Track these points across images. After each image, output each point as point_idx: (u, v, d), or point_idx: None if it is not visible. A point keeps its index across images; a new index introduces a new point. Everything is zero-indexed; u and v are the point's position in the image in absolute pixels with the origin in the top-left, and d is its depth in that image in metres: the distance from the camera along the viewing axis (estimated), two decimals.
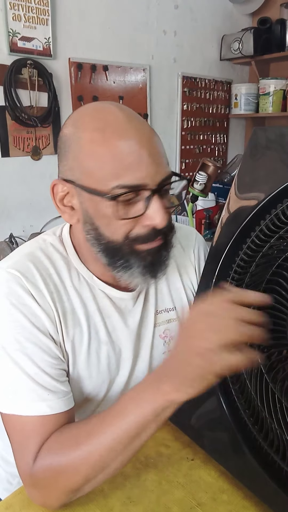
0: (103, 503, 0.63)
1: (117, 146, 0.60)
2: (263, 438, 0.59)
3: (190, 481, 0.67)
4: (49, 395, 0.64)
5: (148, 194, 0.62)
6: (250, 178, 0.67)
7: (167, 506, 0.63)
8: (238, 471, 0.65)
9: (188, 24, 2.62)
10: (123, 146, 0.60)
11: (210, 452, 0.70)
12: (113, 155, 0.60)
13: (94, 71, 2.22)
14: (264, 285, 0.58)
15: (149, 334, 0.80)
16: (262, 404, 0.58)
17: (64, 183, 0.66)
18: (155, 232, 0.64)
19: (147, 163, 0.61)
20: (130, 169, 0.60)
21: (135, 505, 0.63)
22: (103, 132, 0.61)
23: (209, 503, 0.63)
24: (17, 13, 1.87)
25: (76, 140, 0.63)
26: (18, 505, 0.64)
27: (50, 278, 0.70)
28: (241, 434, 0.62)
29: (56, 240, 0.75)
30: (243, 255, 0.63)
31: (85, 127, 0.63)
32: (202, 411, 0.71)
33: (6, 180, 2.02)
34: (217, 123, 2.96)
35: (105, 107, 0.65)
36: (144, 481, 0.67)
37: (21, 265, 0.68)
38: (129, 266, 0.66)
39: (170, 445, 0.74)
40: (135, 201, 0.63)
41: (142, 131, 0.63)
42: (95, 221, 0.65)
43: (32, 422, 0.63)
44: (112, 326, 0.76)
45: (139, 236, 0.64)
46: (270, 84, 2.71)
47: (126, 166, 0.60)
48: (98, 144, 0.61)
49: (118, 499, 0.64)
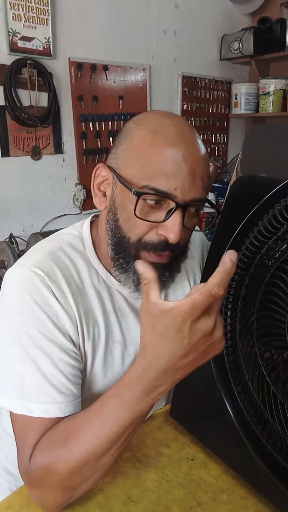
0: (103, 503, 0.64)
1: (163, 150, 0.62)
2: (266, 438, 0.60)
3: (190, 481, 0.67)
4: (61, 398, 0.64)
5: (173, 206, 0.63)
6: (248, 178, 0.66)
7: (167, 506, 0.63)
8: (242, 469, 0.65)
9: (188, 24, 2.62)
10: (168, 153, 0.62)
11: (214, 450, 0.70)
12: (155, 157, 0.62)
13: (94, 71, 2.22)
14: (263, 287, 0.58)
15: None
16: (264, 406, 0.58)
17: (106, 169, 0.69)
18: (166, 244, 0.65)
19: (184, 177, 0.62)
20: (166, 176, 0.62)
21: (135, 504, 0.63)
22: (156, 135, 0.64)
23: (209, 503, 0.63)
24: (17, 13, 1.87)
25: (132, 134, 0.66)
26: (18, 505, 0.64)
27: (72, 278, 0.70)
28: (245, 433, 0.63)
29: (76, 238, 0.75)
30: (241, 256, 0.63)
31: (144, 126, 0.66)
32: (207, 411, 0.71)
33: (6, 180, 2.02)
34: (217, 122, 2.96)
35: (171, 116, 0.67)
36: (144, 481, 0.67)
37: (44, 265, 0.69)
38: (128, 270, 0.68)
39: (170, 445, 0.75)
40: (159, 208, 0.64)
41: (193, 148, 0.64)
42: (118, 212, 0.67)
43: (36, 421, 0.63)
44: (127, 326, 0.76)
45: (150, 242, 0.65)
46: (270, 83, 2.71)
47: (164, 172, 0.62)
48: (147, 143, 0.64)
49: (118, 499, 0.64)
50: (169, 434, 0.77)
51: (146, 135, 0.64)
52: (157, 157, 0.62)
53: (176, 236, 0.63)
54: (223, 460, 0.69)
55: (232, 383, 0.65)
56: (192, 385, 0.73)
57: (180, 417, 0.78)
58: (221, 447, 0.69)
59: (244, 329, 0.62)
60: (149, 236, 0.65)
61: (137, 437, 0.76)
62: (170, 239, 0.63)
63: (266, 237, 0.60)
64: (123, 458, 0.72)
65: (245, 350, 0.62)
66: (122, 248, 0.67)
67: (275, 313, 0.55)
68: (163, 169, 0.62)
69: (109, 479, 0.68)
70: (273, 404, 0.57)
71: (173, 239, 0.63)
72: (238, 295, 0.64)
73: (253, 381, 0.60)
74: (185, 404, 0.77)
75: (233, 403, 0.65)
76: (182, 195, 0.62)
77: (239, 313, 0.63)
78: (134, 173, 0.64)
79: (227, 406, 0.65)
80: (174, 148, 0.62)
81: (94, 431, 0.58)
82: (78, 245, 0.74)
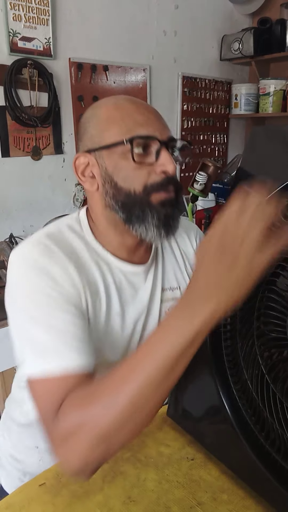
0: (103, 503, 0.63)
1: (129, 110, 0.73)
2: (264, 437, 0.60)
3: (190, 481, 0.67)
4: (77, 355, 0.64)
5: (158, 146, 0.72)
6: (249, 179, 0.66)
7: (167, 506, 0.63)
8: (240, 469, 0.65)
9: (188, 24, 2.62)
10: (133, 109, 0.74)
11: (212, 450, 0.70)
12: (126, 116, 0.73)
13: (94, 71, 2.22)
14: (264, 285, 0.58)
15: (156, 310, 0.84)
16: (263, 404, 0.58)
17: (85, 155, 0.76)
18: (168, 179, 0.72)
19: (155, 123, 0.73)
20: (142, 126, 0.72)
21: (135, 504, 0.63)
22: (116, 104, 0.75)
23: (209, 503, 0.63)
24: (18, 13, 1.87)
25: (94, 115, 0.76)
26: (18, 505, 0.64)
27: (72, 254, 0.74)
28: (243, 433, 0.63)
29: (73, 220, 0.81)
30: None
31: (102, 106, 0.76)
32: (205, 411, 0.71)
33: (6, 180, 2.02)
34: (217, 123, 2.96)
35: (117, 95, 0.79)
36: (144, 481, 0.67)
37: (44, 241, 0.73)
38: (145, 218, 0.72)
39: (170, 444, 0.75)
40: (148, 153, 0.72)
41: (146, 104, 0.77)
42: (114, 177, 0.73)
43: (57, 379, 0.62)
44: (125, 299, 0.80)
45: (155, 183, 0.72)
46: (270, 84, 2.71)
47: (139, 123, 0.72)
48: (113, 110, 0.74)
49: (118, 499, 0.64)
50: (169, 434, 0.77)
51: (108, 108, 0.75)
52: (127, 115, 0.73)
53: (172, 166, 0.71)
54: (221, 460, 0.69)
55: (231, 381, 0.65)
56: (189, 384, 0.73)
57: (177, 416, 0.78)
58: (218, 446, 0.69)
59: (244, 327, 0.62)
60: (151, 179, 0.72)
61: (137, 437, 0.76)
62: (169, 170, 0.71)
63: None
64: (123, 458, 0.72)
65: (245, 349, 0.62)
66: (131, 202, 0.72)
67: (275, 312, 0.55)
68: (137, 121, 0.72)
69: (109, 479, 0.68)
70: (272, 402, 0.57)
71: (172, 169, 0.71)
72: None
73: (252, 379, 0.60)
74: (182, 403, 0.77)
75: (231, 402, 0.65)
76: (161, 135, 0.72)
77: (239, 312, 0.63)
78: (114, 135, 0.72)
79: (225, 405, 0.65)
80: (135, 105, 0.74)
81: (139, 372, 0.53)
82: (76, 226, 0.79)
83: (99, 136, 0.74)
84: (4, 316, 0.73)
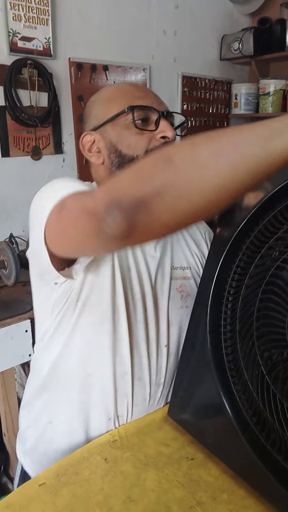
0: (103, 503, 0.64)
1: (128, 88, 0.83)
2: (265, 438, 0.60)
3: (190, 481, 0.67)
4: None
5: (157, 116, 0.80)
6: None
7: (167, 505, 0.63)
8: (241, 469, 0.65)
9: (188, 24, 2.62)
10: (133, 88, 0.83)
11: (213, 450, 0.70)
12: (126, 92, 0.82)
13: (94, 71, 2.22)
14: (264, 286, 0.58)
15: (166, 285, 0.88)
16: (263, 405, 0.58)
17: (90, 133, 0.84)
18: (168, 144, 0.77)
19: (152, 97, 0.82)
20: (141, 99, 0.80)
21: (135, 504, 0.63)
22: (117, 85, 0.86)
23: (209, 502, 0.63)
24: (17, 13, 1.87)
25: (97, 98, 0.85)
26: (18, 504, 0.64)
27: None
28: (244, 433, 0.63)
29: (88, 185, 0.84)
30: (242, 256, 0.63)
31: (103, 90, 0.86)
32: (205, 410, 0.71)
33: (6, 180, 2.02)
34: (217, 123, 2.96)
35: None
36: (144, 480, 0.67)
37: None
38: None
39: (170, 444, 0.75)
40: (148, 123, 0.79)
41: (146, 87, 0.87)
42: (118, 146, 0.80)
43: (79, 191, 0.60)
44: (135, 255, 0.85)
45: (155, 147, 0.78)
46: (270, 84, 2.71)
47: (138, 96, 0.80)
48: (114, 90, 0.84)
49: (118, 498, 0.64)
50: (169, 434, 0.77)
51: (109, 89, 0.85)
52: (127, 92, 0.81)
53: (172, 132, 0.78)
54: (221, 459, 0.69)
55: (231, 382, 0.65)
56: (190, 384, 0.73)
57: (178, 416, 0.78)
58: (219, 447, 0.69)
59: (244, 328, 0.62)
60: (152, 144, 0.79)
61: (137, 437, 0.76)
62: (169, 135, 0.78)
63: (267, 236, 0.60)
64: (123, 457, 0.72)
65: (245, 350, 0.62)
66: None
67: (275, 313, 0.56)
68: (136, 95, 0.80)
69: (109, 478, 0.68)
70: (272, 403, 0.57)
71: (171, 134, 0.78)
72: (238, 295, 0.64)
73: (253, 380, 0.60)
74: (183, 403, 0.77)
75: (232, 402, 0.65)
76: (158, 107, 0.80)
77: (239, 312, 0.63)
78: (116, 109, 0.79)
79: (226, 405, 0.65)
80: (134, 85, 0.85)
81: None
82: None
83: (103, 113, 0.82)
84: (4, 316, 0.73)
